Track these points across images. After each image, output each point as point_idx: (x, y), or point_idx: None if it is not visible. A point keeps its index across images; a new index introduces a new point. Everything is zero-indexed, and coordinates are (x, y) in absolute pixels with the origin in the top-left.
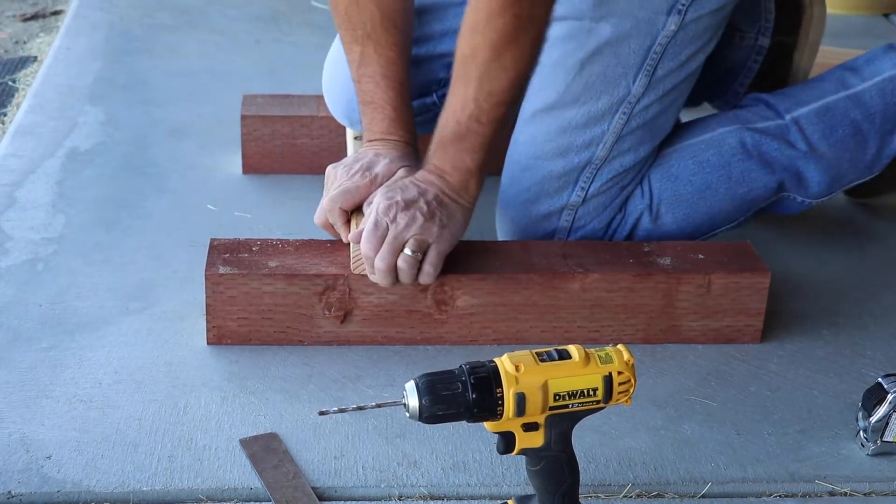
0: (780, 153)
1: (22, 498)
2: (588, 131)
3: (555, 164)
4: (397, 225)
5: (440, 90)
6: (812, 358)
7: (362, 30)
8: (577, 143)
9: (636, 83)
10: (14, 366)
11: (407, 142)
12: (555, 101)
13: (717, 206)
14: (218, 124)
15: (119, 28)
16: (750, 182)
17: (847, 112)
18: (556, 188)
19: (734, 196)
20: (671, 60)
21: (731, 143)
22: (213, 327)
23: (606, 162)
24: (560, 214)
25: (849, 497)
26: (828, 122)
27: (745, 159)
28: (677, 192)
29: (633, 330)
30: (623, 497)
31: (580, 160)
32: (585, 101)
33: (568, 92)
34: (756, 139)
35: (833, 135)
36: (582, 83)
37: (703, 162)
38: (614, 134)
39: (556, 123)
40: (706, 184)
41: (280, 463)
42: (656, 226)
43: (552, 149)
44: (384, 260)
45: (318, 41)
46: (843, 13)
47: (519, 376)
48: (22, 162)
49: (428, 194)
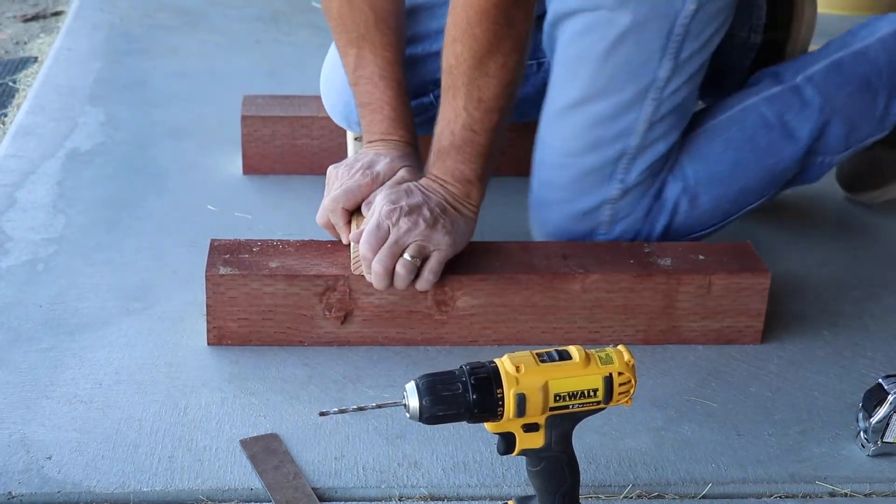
0: (799, 117)
1: (22, 498)
2: (618, 122)
3: (589, 160)
4: (399, 229)
5: (436, 89)
6: (812, 359)
7: (356, 32)
8: (608, 136)
9: (662, 68)
10: (14, 366)
11: (407, 141)
12: (581, 96)
13: (750, 181)
14: (218, 125)
15: (119, 29)
16: (778, 152)
17: (856, 66)
18: (593, 183)
19: (765, 168)
20: (694, 41)
21: (752, 118)
22: (214, 328)
23: (640, 151)
24: (599, 209)
25: (849, 498)
26: (839, 75)
27: (769, 130)
28: (710, 172)
29: (633, 331)
30: (623, 498)
31: (613, 152)
32: (612, 91)
33: (594, 85)
34: (775, 109)
35: (846, 87)
36: (607, 74)
37: (730, 139)
38: (646, 122)
39: (585, 118)
40: (736, 160)
41: (280, 464)
42: (694, 206)
43: (584, 144)
44: (382, 263)
45: (319, 41)
46: (843, 13)
47: (519, 377)
48: (22, 162)
49: (432, 201)
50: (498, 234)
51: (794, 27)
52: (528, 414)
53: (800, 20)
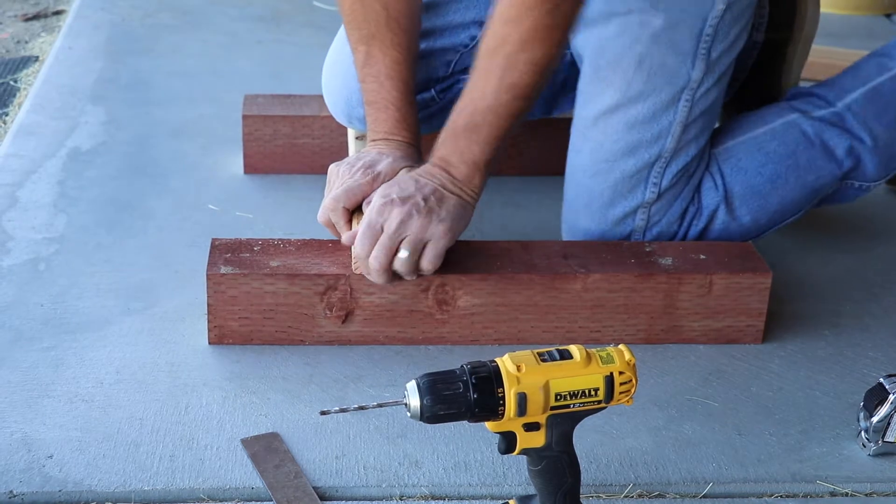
0: (839, 140)
1: (24, 497)
2: (655, 124)
3: (626, 164)
4: (390, 224)
5: (439, 86)
6: (813, 358)
7: (367, 30)
8: (646, 139)
9: (695, 69)
10: (16, 365)
11: (410, 142)
12: (618, 100)
13: (788, 196)
14: (219, 124)
15: (121, 28)
16: (817, 170)
17: (895, 92)
18: (630, 188)
19: (804, 185)
20: (723, 41)
21: (793, 133)
22: (215, 327)
23: (675, 153)
24: (635, 214)
25: (850, 497)
26: (878, 103)
27: (810, 148)
28: (749, 184)
29: (634, 330)
30: (624, 497)
31: (650, 155)
32: (649, 94)
33: (631, 88)
34: (816, 128)
35: (885, 115)
36: (643, 77)
37: (770, 153)
38: (681, 124)
39: (623, 122)
40: (776, 174)
41: (281, 463)
42: (732, 217)
43: (621, 148)
44: (378, 260)
45: (320, 41)
46: (844, 13)
47: (520, 376)
48: (23, 162)
49: (426, 189)
50: (499, 233)
51: (797, 26)
52: (529, 413)
53: (802, 19)
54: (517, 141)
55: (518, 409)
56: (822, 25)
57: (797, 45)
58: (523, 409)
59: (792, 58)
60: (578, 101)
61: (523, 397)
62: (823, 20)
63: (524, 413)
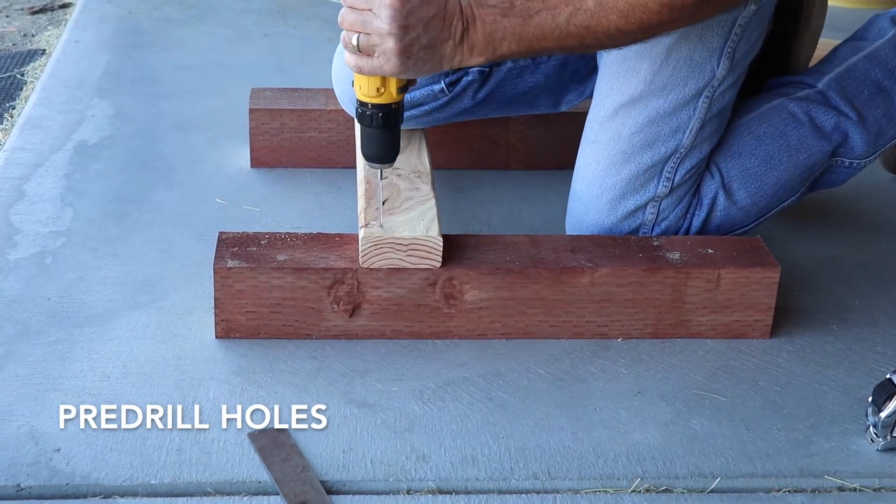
0: (826, 116)
1: (31, 490)
2: (675, 119)
3: (642, 157)
4: (370, 16)
5: (448, 77)
6: (822, 353)
7: None
8: (664, 132)
9: (720, 66)
10: (23, 359)
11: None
12: (641, 91)
13: (783, 176)
14: (226, 118)
15: (127, 21)
16: (808, 147)
17: (867, 71)
18: (643, 182)
19: (796, 163)
20: (747, 41)
21: (781, 115)
22: (222, 321)
23: (690, 150)
24: (645, 209)
25: (858, 493)
26: (852, 83)
27: (799, 126)
28: (744, 167)
29: (641, 325)
30: (632, 492)
31: (667, 150)
32: (672, 87)
33: (655, 80)
34: (802, 106)
35: (861, 94)
36: (669, 70)
37: (761, 135)
38: (699, 120)
39: (644, 114)
40: (768, 154)
41: (288, 457)
42: (732, 202)
43: (639, 141)
44: (343, 23)
45: (327, 35)
46: (854, 7)
47: None
48: (30, 155)
49: (435, 19)
50: (506, 227)
51: (804, 20)
52: None
53: (809, 12)
54: (525, 135)
55: None
56: (830, 19)
57: (804, 39)
58: None
59: (799, 51)
60: (598, 90)
61: None
62: (831, 13)
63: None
